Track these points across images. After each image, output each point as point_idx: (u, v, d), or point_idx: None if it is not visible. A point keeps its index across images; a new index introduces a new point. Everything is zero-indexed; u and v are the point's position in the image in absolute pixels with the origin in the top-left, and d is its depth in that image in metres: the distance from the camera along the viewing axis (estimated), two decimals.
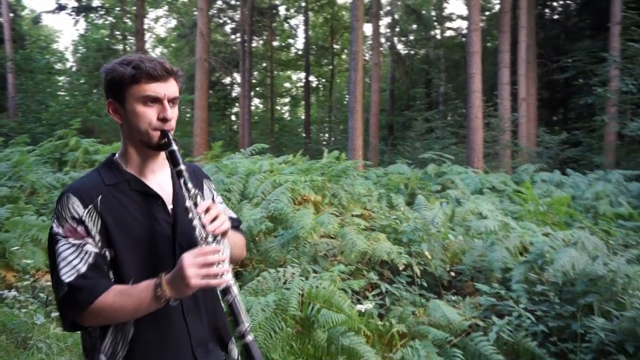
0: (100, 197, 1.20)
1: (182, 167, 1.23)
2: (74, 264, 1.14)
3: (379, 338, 3.16)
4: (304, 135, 29.42)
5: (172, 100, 1.24)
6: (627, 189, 9.57)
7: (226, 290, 1.16)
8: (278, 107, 36.87)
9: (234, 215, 1.47)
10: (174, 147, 1.23)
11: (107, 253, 1.18)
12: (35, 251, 4.83)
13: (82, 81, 20.85)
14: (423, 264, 4.29)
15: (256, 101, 35.59)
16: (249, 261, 4.08)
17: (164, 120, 1.22)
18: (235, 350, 1.36)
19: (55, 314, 3.55)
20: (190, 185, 1.21)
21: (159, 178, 1.29)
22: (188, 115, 23.21)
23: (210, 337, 1.30)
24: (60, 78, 22.51)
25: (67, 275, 1.13)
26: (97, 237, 1.17)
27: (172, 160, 1.24)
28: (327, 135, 34.42)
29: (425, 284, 3.90)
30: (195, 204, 1.18)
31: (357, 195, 6.10)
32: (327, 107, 32.94)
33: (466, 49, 12.94)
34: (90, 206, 1.18)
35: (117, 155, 1.30)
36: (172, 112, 1.24)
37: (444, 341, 3.04)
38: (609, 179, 10.35)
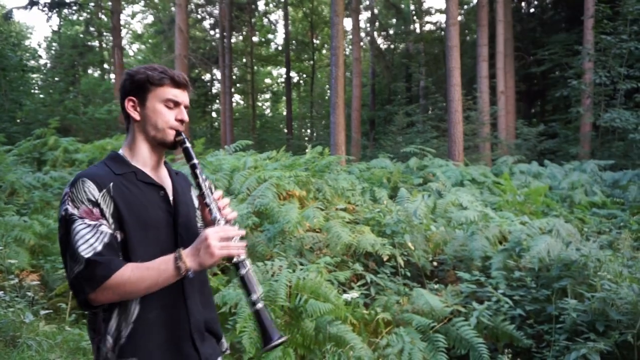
0: (112, 183, 1.30)
1: (195, 161, 1.38)
2: (90, 242, 1.22)
3: (364, 326, 3.27)
4: (285, 131, 29.37)
5: (186, 108, 1.41)
6: (602, 178, 9.90)
7: (241, 264, 1.28)
8: (259, 104, 36.70)
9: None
10: (188, 144, 1.38)
11: (118, 235, 1.28)
12: (18, 251, 4.78)
13: (57, 79, 20.39)
14: (406, 255, 4.42)
15: (237, 97, 35.36)
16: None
17: (181, 121, 1.38)
18: (225, 345, 1.49)
19: (43, 312, 3.56)
20: (204, 176, 1.37)
21: (160, 173, 1.42)
22: None
23: (206, 325, 1.40)
24: (35, 75, 21.98)
25: (85, 252, 1.20)
26: (111, 220, 1.27)
27: (187, 155, 1.39)
28: (309, 130, 34.43)
29: (408, 273, 4.01)
30: (211, 191, 1.36)
31: (341, 190, 6.20)
32: (309, 103, 32.93)
33: (445, 43, 13.12)
34: (104, 190, 1.28)
35: (121, 150, 1.41)
36: (187, 117, 1.41)
37: (427, 327, 3.16)
38: (584, 169, 10.68)
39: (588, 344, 2.69)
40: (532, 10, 27.28)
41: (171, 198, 1.39)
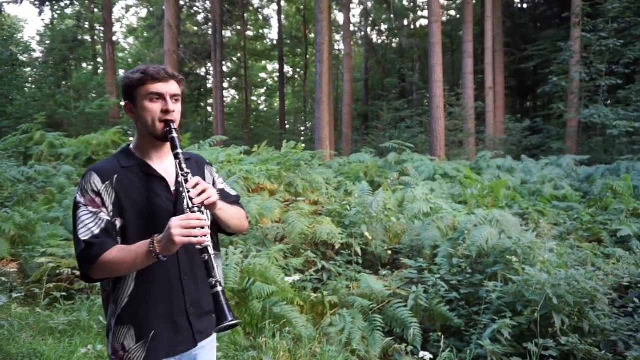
0: (116, 176, 1.48)
1: (179, 150, 1.49)
2: (89, 226, 1.42)
3: (311, 307, 3.54)
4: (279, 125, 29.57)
5: (173, 97, 1.51)
6: (577, 173, 10.19)
7: (204, 250, 1.39)
8: (254, 98, 36.80)
9: (234, 193, 1.73)
10: (174, 134, 1.49)
11: (118, 222, 1.46)
12: None
13: (48, 73, 20.49)
14: (363, 244, 4.69)
15: (232, 92, 35.51)
16: None
17: (166, 112, 1.48)
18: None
19: (16, 295, 3.82)
20: (184, 165, 1.47)
21: (166, 164, 1.55)
22: None
23: (206, 301, 1.51)
24: (27, 70, 22.08)
25: (84, 235, 1.41)
26: (111, 208, 1.45)
27: (172, 145, 1.49)
28: (302, 126, 34.59)
29: (360, 261, 4.29)
30: (186, 180, 1.44)
31: (316, 184, 6.45)
32: (302, 98, 33.09)
33: (427, 40, 13.34)
34: (107, 182, 1.47)
35: (132, 145, 1.58)
36: (175, 107, 1.51)
37: (368, 308, 3.44)
38: (560, 163, 10.98)
39: (501, 321, 2.98)
40: (524, 5, 27.47)
41: (172, 188, 1.52)
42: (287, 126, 31.97)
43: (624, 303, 3.71)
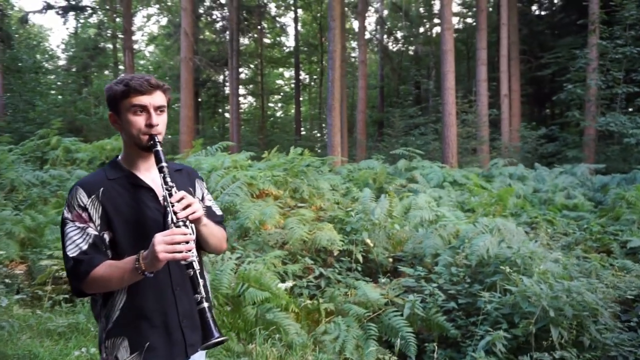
0: (102, 189, 1.47)
1: (164, 164, 1.47)
2: (77, 242, 1.41)
3: (307, 314, 3.53)
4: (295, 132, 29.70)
5: (158, 109, 1.49)
6: (592, 182, 9.96)
7: (189, 265, 1.37)
8: (271, 104, 37.07)
9: (219, 212, 1.71)
10: (159, 148, 1.48)
11: (107, 235, 1.44)
12: (9, 244, 5.16)
13: (70, 81, 21.06)
14: (364, 252, 4.66)
15: (250, 99, 35.83)
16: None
17: (150, 126, 1.47)
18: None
19: (17, 297, 3.90)
20: (168, 179, 1.45)
21: (153, 174, 1.53)
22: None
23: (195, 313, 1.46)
24: (52, 77, 22.73)
25: (72, 252, 1.40)
26: (98, 222, 1.43)
27: (156, 158, 1.48)
28: (319, 132, 34.64)
29: (359, 268, 4.25)
30: (170, 195, 1.41)
31: (323, 190, 6.45)
32: (318, 104, 33.19)
33: (440, 47, 13.28)
34: (93, 196, 1.45)
35: (119, 157, 1.57)
36: (159, 119, 1.49)
37: (362, 316, 3.41)
38: (575, 172, 10.74)
39: (495, 333, 2.92)
40: (543, 12, 27.11)
41: (161, 198, 1.49)
42: (303, 132, 32.09)
43: (629, 317, 3.60)
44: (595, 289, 3.32)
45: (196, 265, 1.38)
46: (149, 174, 1.53)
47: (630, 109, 14.88)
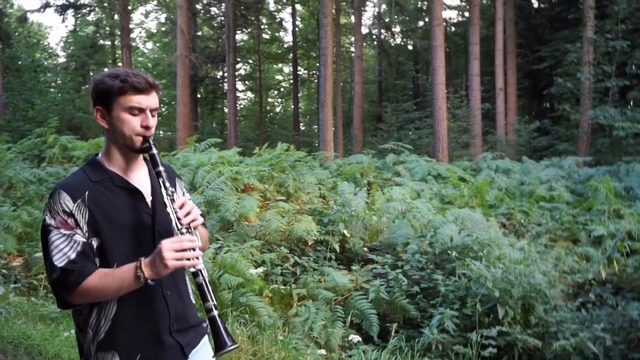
0: (87, 192, 1.35)
1: (161, 168, 1.40)
2: (64, 251, 1.29)
3: (280, 299, 3.80)
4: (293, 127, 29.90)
5: (153, 111, 1.41)
6: (578, 174, 10.19)
7: (197, 273, 1.33)
8: (270, 100, 37.24)
9: (199, 212, 1.63)
10: (154, 151, 1.40)
11: (94, 242, 1.34)
12: (6, 238, 5.45)
13: (68, 79, 21.32)
14: (342, 242, 4.93)
15: (249, 94, 36.04)
16: None
17: (146, 128, 1.38)
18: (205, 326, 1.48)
19: (13, 286, 4.18)
20: (168, 184, 1.39)
21: (138, 175, 1.44)
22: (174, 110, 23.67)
23: (191, 314, 1.47)
24: (50, 75, 22.98)
25: (60, 261, 1.28)
26: (85, 228, 1.32)
27: (153, 162, 1.41)
28: (317, 128, 34.75)
29: (333, 257, 4.52)
30: (172, 200, 1.36)
31: (308, 184, 6.71)
32: (316, 100, 33.35)
33: (430, 43, 13.47)
34: (78, 200, 1.33)
35: (99, 155, 1.45)
36: (153, 122, 1.41)
37: (331, 300, 3.68)
38: (562, 165, 10.97)
39: (445, 312, 3.19)
40: (542, 5, 27.14)
41: (149, 200, 1.42)
42: (303, 128, 32.29)
43: (583, 300, 3.87)
44: (546, 272, 3.58)
45: (204, 273, 1.35)
46: (134, 174, 1.44)
47: (621, 103, 15.05)
